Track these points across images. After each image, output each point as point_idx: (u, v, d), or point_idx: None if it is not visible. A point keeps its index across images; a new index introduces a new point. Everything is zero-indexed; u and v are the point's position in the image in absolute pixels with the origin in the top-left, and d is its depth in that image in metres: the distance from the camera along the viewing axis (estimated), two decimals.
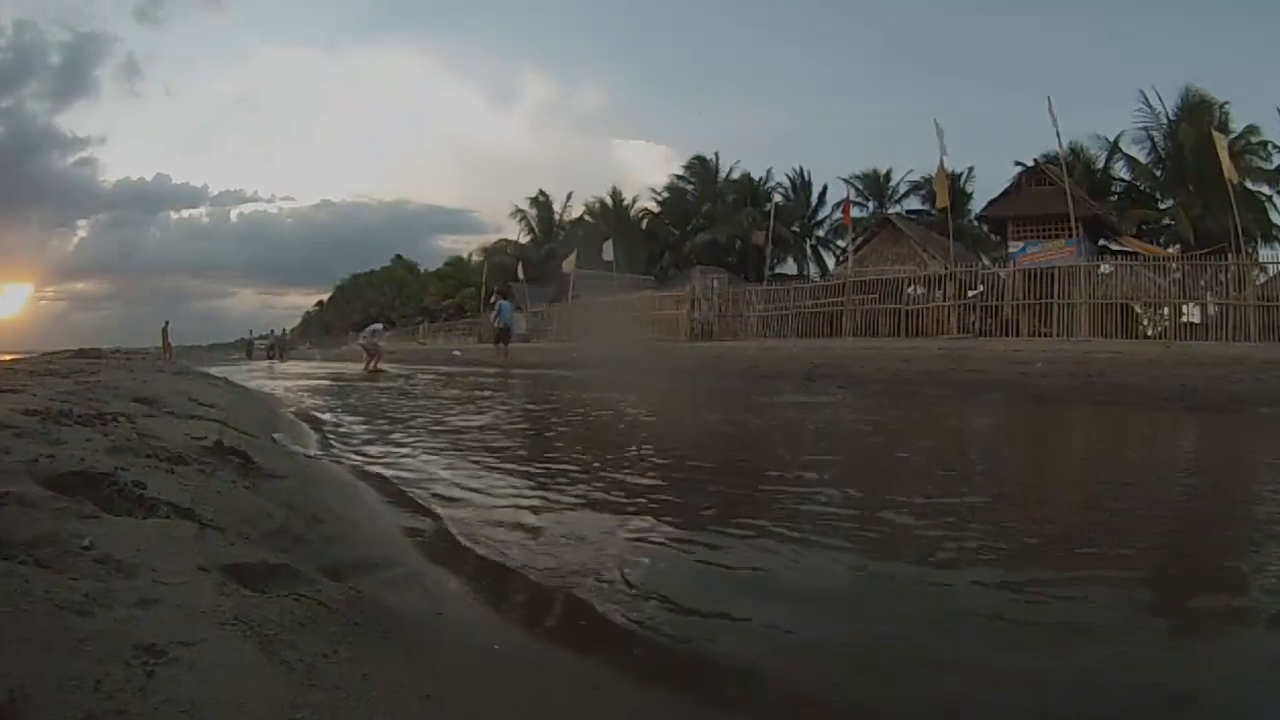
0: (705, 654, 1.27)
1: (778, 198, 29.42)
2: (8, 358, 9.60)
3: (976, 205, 24.46)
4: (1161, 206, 21.74)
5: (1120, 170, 22.70)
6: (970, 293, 14.66)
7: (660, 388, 8.61)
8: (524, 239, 37.07)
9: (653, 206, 34.01)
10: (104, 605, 0.91)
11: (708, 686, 1.17)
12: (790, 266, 31.09)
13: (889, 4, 77.87)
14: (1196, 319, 12.60)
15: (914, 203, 29.37)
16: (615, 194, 34.57)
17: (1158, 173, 21.71)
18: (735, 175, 32.36)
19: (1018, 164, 20.13)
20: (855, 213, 25.28)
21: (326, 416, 5.09)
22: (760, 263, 23.94)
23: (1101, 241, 18.72)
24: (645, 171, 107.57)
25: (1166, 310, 12.72)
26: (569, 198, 36.80)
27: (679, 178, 33.48)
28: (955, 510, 2.22)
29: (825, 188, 31.85)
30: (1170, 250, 19.07)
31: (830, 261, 30.48)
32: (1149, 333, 12.91)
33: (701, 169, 32.83)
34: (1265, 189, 20.44)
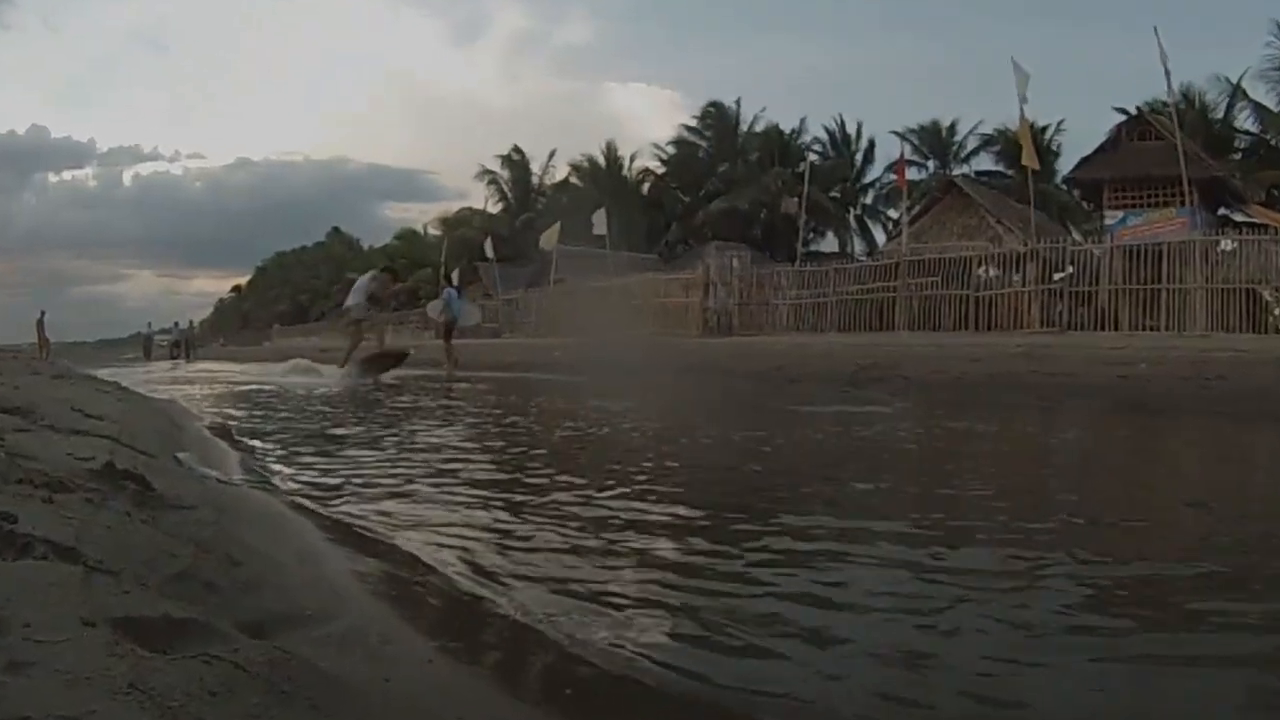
0: None
1: (813, 156, 29.58)
2: None
3: (1065, 165, 24.53)
4: None
5: (1245, 120, 22.82)
6: (1057, 275, 14.67)
7: (664, 396, 8.62)
8: (494, 208, 37.25)
9: (656, 166, 34.22)
10: None
11: None
12: (830, 242, 31.31)
13: None
14: None
15: (985, 162, 29.60)
16: (609, 151, 34.77)
17: None
18: (760, 127, 32.54)
19: (1118, 111, 20.22)
20: (912, 174, 25.38)
21: (246, 432, 5.12)
22: (792, 237, 23.99)
23: (1222, 211, 18.75)
24: (646, 123, 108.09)
25: None
26: (551, 156, 37.01)
27: (689, 130, 33.69)
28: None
29: (873, 143, 32.07)
30: None
31: (880, 236, 30.73)
32: None
33: (718, 119, 32.93)
34: None
